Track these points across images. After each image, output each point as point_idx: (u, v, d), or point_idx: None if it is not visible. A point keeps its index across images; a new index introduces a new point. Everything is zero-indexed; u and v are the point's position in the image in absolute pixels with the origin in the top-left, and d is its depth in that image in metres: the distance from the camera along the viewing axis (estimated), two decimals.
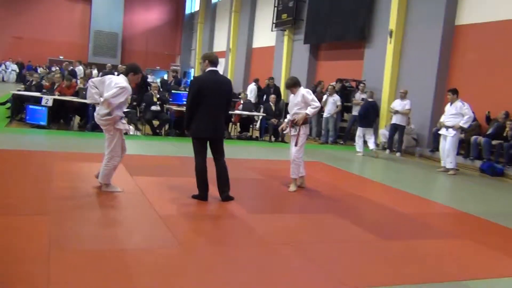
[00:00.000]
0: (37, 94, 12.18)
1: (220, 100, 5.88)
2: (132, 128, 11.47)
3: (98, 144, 8.18)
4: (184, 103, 11.01)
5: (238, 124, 13.85)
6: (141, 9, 36.74)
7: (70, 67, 18.97)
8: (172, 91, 14.13)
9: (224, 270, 3.87)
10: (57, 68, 22.55)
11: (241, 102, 14.15)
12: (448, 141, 9.87)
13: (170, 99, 13.20)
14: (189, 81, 21.53)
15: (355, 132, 12.31)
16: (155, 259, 4.00)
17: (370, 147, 11.76)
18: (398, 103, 12.21)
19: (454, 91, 9.95)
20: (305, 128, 7.06)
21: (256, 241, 4.74)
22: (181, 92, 13.74)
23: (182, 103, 12.38)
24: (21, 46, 32.53)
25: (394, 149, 12.54)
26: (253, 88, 17.17)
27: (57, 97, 11.82)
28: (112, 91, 5.62)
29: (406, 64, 13.58)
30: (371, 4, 15.00)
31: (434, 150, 11.71)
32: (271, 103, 13.72)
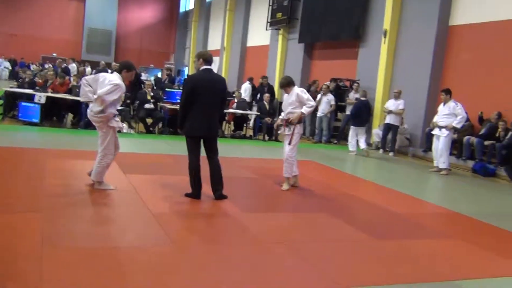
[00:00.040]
0: (30, 91, 12.11)
1: (214, 99, 5.87)
2: (125, 126, 11.43)
3: (91, 141, 8.15)
4: (178, 101, 11.00)
5: (232, 122, 13.84)
6: (135, 7, 36.64)
7: (64, 65, 18.88)
8: (166, 89, 14.08)
9: (217, 269, 3.87)
10: (50, 65, 22.42)
11: (235, 100, 14.14)
12: (441, 141, 9.91)
13: (164, 97, 13.17)
14: (182, 79, 21.56)
15: (349, 132, 12.34)
16: (148, 257, 3.99)
17: (361, 146, 11.81)
18: (392, 103, 12.25)
19: (448, 91, 9.99)
20: (299, 128, 7.07)
21: (249, 239, 4.74)
22: (175, 90, 13.70)
23: (176, 101, 12.36)
24: (14, 43, 32.36)
25: (388, 148, 12.59)
26: (247, 87, 17.16)
27: (50, 94, 11.76)
28: (106, 88, 5.60)
29: (400, 64, 13.63)
30: (366, 3, 15.03)
31: (427, 150, 11.76)
32: (265, 102, 13.72)
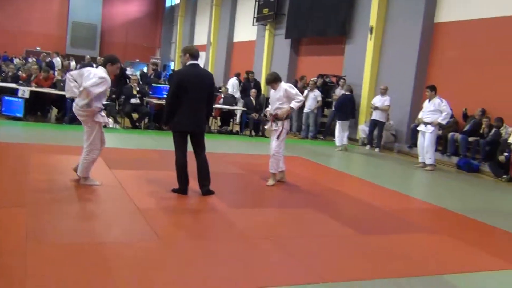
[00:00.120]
0: (13, 85, 11.95)
1: (201, 94, 5.84)
2: (111, 121, 11.34)
3: (76, 136, 8.08)
4: (164, 96, 10.93)
5: (219, 118, 13.81)
6: (120, 1, 36.29)
7: (48, 59, 18.64)
8: (152, 84, 13.99)
9: (204, 264, 3.86)
10: (34, 59, 22.13)
11: (221, 96, 14.10)
12: (427, 137, 9.99)
13: (150, 92, 13.09)
14: (168, 74, 21.45)
15: (335, 128, 12.38)
16: (134, 252, 3.97)
17: (337, 142, 11.93)
18: (378, 99, 12.32)
19: (432, 88, 10.07)
20: (287, 123, 7.08)
21: (236, 235, 4.74)
22: (161, 85, 13.62)
23: (162, 96, 12.28)
24: None
25: (374, 144, 12.66)
26: (234, 83, 17.12)
27: (34, 88, 11.61)
28: (92, 80, 5.56)
29: (385, 61, 13.70)
30: None
31: (412, 146, 11.85)
32: (252, 98, 13.70)
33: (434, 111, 9.91)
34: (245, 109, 13.55)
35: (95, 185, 5.89)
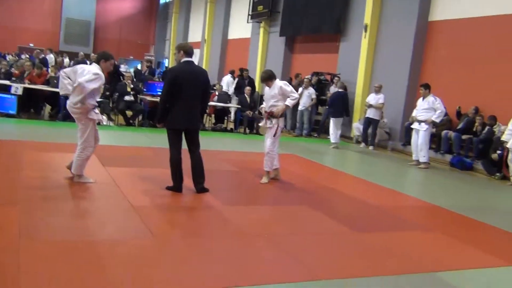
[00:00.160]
0: (6, 82, 11.87)
1: (195, 91, 5.83)
2: (105, 118, 11.28)
3: (70, 134, 8.04)
4: (159, 93, 10.90)
5: (213, 115, 13.79)
6: None
7: (41, 55, 18.52)
8: (146, 81, 13.93)
9: (198, 262, 3.85)
10: (27, 56, 21.99)
11: (216, 93, 14.08)
12: (421, 135, 10.02)
13: (144, 89, 13.04)
14: (162, 71, 21.38)
15: (329, 125, 12.39)
16: (129, 250, 3.95)
17: (332, 139, 11.95)
18: (373, 97, 12.34)
19: (426, 86, 10.09)
20: (281, 121, 7.08)
21: (230, 233, 4.73)
22: (155, 82, 13.58)
23: (156, 93, 12.24)
24: None
25: (368, 142, 12.68)
26: (229, 80, 17.09)
27: (27, 85, 11.54)
28: (86, 76, 5.55)
29: (380, 59, 13.72)
30: None
31: (406, 144, 11.89)
32: (246, 95, 13.69)
33: (428, 109, 9.95)
34: (239, 106, 13.54)
35: (89, 183, 5.86)
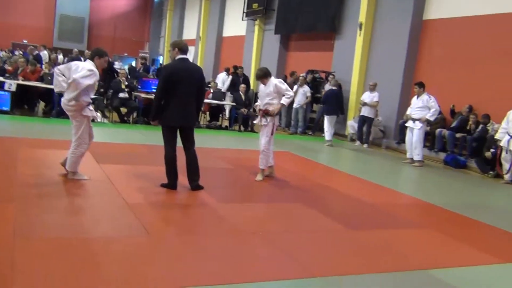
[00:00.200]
0: (0, 78, 11.80)
1: (190, 88, 5.82)
2: (99, 115, 11.26)
3: (64, 130, 8.01)
4: (153, 90, 10.87)
5: (208, 113, 13.78)
6: None
7: (35, 52, 18.43)
8: (141, 78, 13.90)
9: (193, 259, 3.85)
10: (21, 52, 21.86)
11: (211, 91, 14.06)
12: (415, 133, 10.06)
13: (139, 86, 13.00)
14: (156, 68, 21.32)
15: (324, 123, 12.41)
16: (123, 247, 3.95)
17: (326, 137, 11.97)
18: (367, 95, 12.36)
19: (421, 85, 10.13)
20: (276, 119, 7.09)
21: (225, 230, 4.73)
22: (150, 79, 13.54)
23: (150, 90, 12.21)
24: None
25: (363, 140, 12.71)
26: (224, 78, 17.07)
27: (21, 82, 11.48)
28: (81, 72, 5.54)
29: (375, 57, 13.74)
30: None
31: (400, 142, 11.93)
32: (241, 93, 13.68)
33: (422, 107, 9.98)
34: (234, 104, 13.53)
35: (84, 180, 5.85)
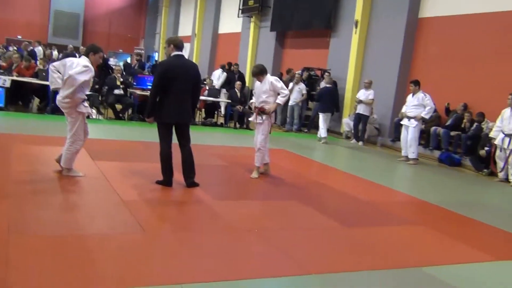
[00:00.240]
0: None
1: (186, 85, 5.80)
2: (94, 111, 11.22)
3: (58, 127, 7.98)
4: (148, 87, 10.83)
5: (203, 110, 13.76)
6: None
7: (30, 48, 18.32)
8: (136, 75, 13.85)
9: (189, 256, 3.85)
10: (15, 48, 21.74)
11: (206, 88, 14.04)
12: (411, 131, 10.08)
13: (134, 83, 12.96)
14: (151, 64, 21.25)
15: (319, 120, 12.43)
16: (118, 244, 3.94)
17: (322, 134, 11.96)
18: (363, 93, 12.37)
19: (416, 83, 10.15)
20: (272, 117, 7.09)
21: (221, 227, 4.73)
22: (145, 76, 13.50)
23: (146, 87, 12.18)
24: None
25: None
26: (220, 75, 17.01)
27: (15, 78, 11.42)
28: (76, 68, 5.52)
29: (370, 55, 13.75)
30: None
31: (395, 140, 11.96)
32: (236, 90, 13.66)
33: (417, 105, 10.01)
34: (229, 101, 13.51)
35: (78, 177, 5.83)
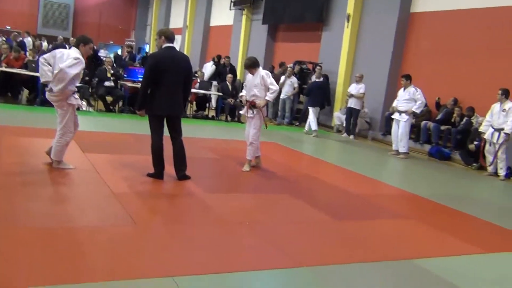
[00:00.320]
0: None
1: (177, 77, 5.77)
2: (84, 103, 11.12)
3: (48, 119, 7.92)
4: (139, 79, 10.77)
5: (194, 103, 13.71)
6: None
7: (19, 38, 18.14)
8: (127, 66, 13.76)
9: (180, 249, 3.85)
10: (4, 39, 21.50)
11: (197, 80, 13.98)
12: (401, 125, 10.12)
13: (125, 75, 12.87)
14: (142, 56, 21.10)
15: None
16: (109, 237, 3.92)
17: (312, 127, 11.97)
18: (354, 87, 12.39)
19: (408, 77, 10.19)
20: (263, 111, 7.08)
21: (212, 220, 4.73)
22: (136, 68, 13.42)
23: (136, 79, 12.11)
24: None
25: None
26: (212, 67, 16.93)
27: (4, 69, 11.30)
28: (67, 61, 5.44)
29: (362, 49, 13.76)
30: None
31: (386, 133, 12.01)
32: (228, 83, 13.62)
33: (408, 99, 10.04)
34: (221, 94, 13.48)
35: (69, 169, 5.79)
